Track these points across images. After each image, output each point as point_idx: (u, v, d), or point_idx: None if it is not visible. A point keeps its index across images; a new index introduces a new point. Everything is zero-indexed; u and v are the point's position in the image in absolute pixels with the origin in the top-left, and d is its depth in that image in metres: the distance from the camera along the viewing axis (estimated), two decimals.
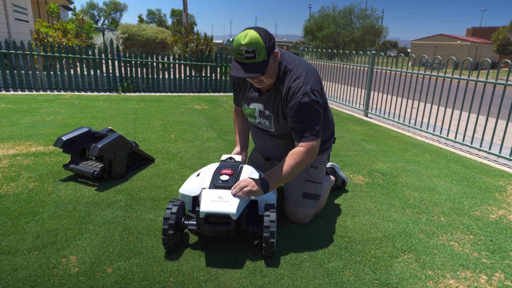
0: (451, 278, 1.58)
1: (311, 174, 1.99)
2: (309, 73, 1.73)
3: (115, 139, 2.42)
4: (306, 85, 1.68)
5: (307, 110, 1.68)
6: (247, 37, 1.54)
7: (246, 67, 1.58)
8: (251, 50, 1.54)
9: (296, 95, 1.67)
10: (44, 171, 2.55)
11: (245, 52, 1.55)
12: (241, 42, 1.54)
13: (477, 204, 2.43)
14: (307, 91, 1.67)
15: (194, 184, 1.82)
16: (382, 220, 2.11)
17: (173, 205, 1.62)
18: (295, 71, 1.72)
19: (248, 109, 1.95)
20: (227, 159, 1.92)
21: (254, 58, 1.56)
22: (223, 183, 1.70)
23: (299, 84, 1.68)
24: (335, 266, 1.62)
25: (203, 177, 1.82)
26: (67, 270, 1.49)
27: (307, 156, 1.71)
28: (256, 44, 1.54)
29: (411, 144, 4.00)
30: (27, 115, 4.28)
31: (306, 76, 1.71)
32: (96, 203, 2.11)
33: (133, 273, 1.50)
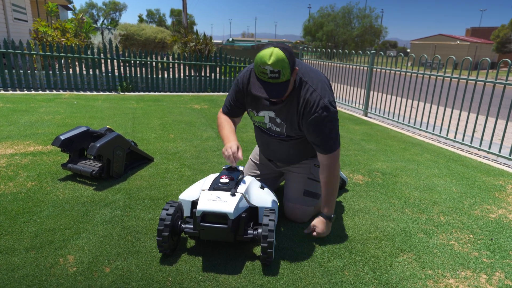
0: (451, 278, 1.58)
1: (313, 172, 2.01)
2: (324, 84, 1.71)
3: (113, 138, 2.41)
4: (323, 98, 1.65)
5: (327, 123, 1.67)
6: (273, 57, 1.48)
7: (269, 87, 1.54)
8: (277, 71, 1.49)
9: (315, 110, 1.64)
10: (42, 171, 2.53)
11: (270, 72, 1.50)
12: (267, 61, 1.48)
13: (477, 203, 2.43)
14: (325, 104, 1.65)
15: (193, 190, 1.79)
16: (382, 219, 2.10)
17: (170, 206, 1.60)
18: (311, 83, 1.68)
19: (257, 117, 1.89)
20: (229, 168, 1.90)
21: (278, 78, 1.51)
22: (222, 185, 1.68)
23: (317, 97, 1.65)
24: (335, 266, 1.61)
25: (203, 182, 1.80)
26: (65, 270, 1.48)
27: (336, 166, 1.76)
28: (282, 65, 1.49)
29: (411, 144, 4.00)
30: (26, 114, 4.27)
31: (322, 88, 1.68)
32: (94, 203, 2.10)
33: (131, 272, 1.49)
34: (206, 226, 1.53)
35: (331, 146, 1.72)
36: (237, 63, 7.81)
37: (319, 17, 40.17)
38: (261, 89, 1.54)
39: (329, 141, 1.71)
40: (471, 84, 4.54)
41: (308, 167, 2.01)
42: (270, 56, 1.48)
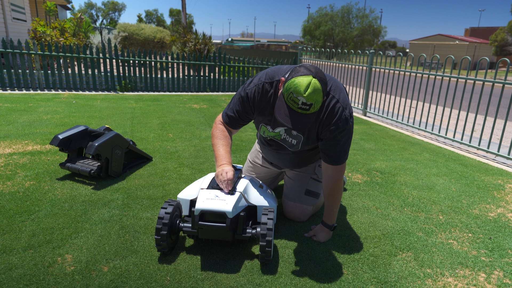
0: (450, 276, 1.58)
1: (317, 172, 2.01)
2: (344, 94, 1.66)
3: (112, 138, 2.40)
4: (345, 109, 1.61)
5: (344, 135, 1.64)
6: (310, 89, 1.38)
7: (296, 116, 1.44)
8: (309, 104, 1.40)
9: (336, 121, 1.60)
10: (40, 170, 2.53)
11: (302, 104, 1.40)
12: (302, 92, 1.38)
13: (475, 202, 2.43)
14: (347, 117, 1.61)
15: (192, 189, 1.78)
16: (381, 218, 2.10)
17: (168, 205, 1.59)
18: (333, 92, 1.62)
19: (271, 132, 1.81)
20: None
21: (308, 110, 1.43)
22: None
23: (339, 108, 1.60)
24: (334, 264, 1.61)
25: (202, 181, 1.80)
26: (63, 269, 1.48)
27: (341, 178, 1.74)
28: (315, 99, 1.40)
29: (410, 143, 4.00)
30: (24, 114, 4.26)
31: (344, 98, 1.63)
32: (92, 202, 2.09)
33: (130, 272, 1.48)
34: (204, 224, 1.53)
35: (341, 158, 1.69)
36: (236, 62, 7.80)
37: (318, 17, 40.19)
38: (287, 118, 1.44)
39: (341, 153, 1.68)
40: (470, 83, 4.55)
41: (312, 167, 2.02)
42: (307, 87, 1.38)
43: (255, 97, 1.67)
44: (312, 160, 2.00)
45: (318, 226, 1.84)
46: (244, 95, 1.70)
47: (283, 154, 1.93)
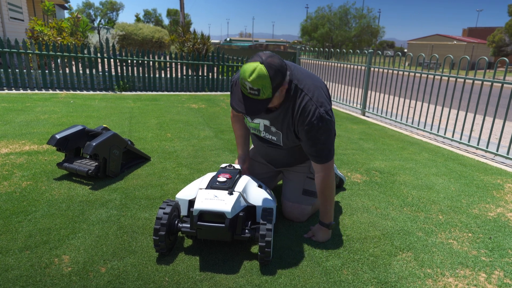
0: (450, 276, 1.57)
1: (313, 171, 1.98)
2: (320, 92, 1.66)
3: (109, 137, 2.38)
4: (320, 107, 1.61)
5: (322, 133, 1.63)
6: (255, 74, 1.41)
7: (248, 102, 1.48)
8: (256, 89, 1.43)
9: (310, 119, 1.60)
10: (37, 170, 2.50)
11: (249, 89, 1.45)
12: (247, 77, 1.42)
13: (475, 202, 2.42)
14: (321, 114, 1.60)
15: (190, 189, 1.77)
16: (380, 218, 2.09)
17: (166, 205, 1.58)
18: (306, 91, 1.62)
19: (251, 123, 1.88)
20: (226, 167, 1.89)
21: (257, 95, 1.46)
22: (220, 184, 1.66)
23: (312, 106, 1.60)
24: (333, 265, 1.60)
25: (200, 181, 1.79)
26: (60, 270, 1.46)
27: (331, 176, 1.73)
28: (262, 84, 1.42)
29: (409, 143, 3.99)
30: (21, 114, 4.23)
31: (319, 96, 1.63)
32: (90, 202, 2.08)
33: (127, 272, 1.47)
34: (203, 225, 1.51)
35: (326, 155, 1.68)
36: (235, 62, 7.78)
37: (316, 17, 40.22)
38: (240, 103, 1.49)
39: (323, 151, 1.67)
40: (468, 83, 4.56)
41: (307, 166, 2.00)
42: (252, 72, 1.41)
43: (235, 82, 1.76)
44: (303, 157, 1.98)
45: (316, 226, 1.83)
46: (231, 84, 1.82)
47: (272, 149, 1.94)
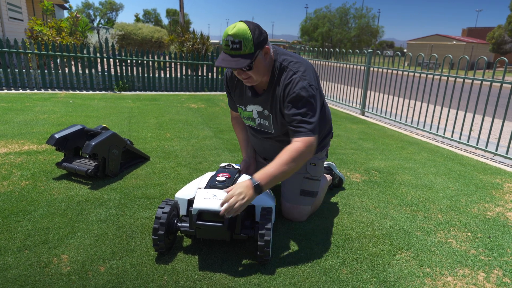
0: (449, 276, 1.57)
1: (309, 171, 1.97)
2: (307, 69, 1.69)
3: (109, 137, 2.38)
4: (303, 80, 1.64)
5: (304, 104, 1.63)
6: (235, 28, 1.51)
7: (231, 57, 1.54)
8: (237, 41, 1.50)
9: (293, 90, 1.63)
10: (36, 170, 2.50)
11: (231, 43, 1.51)
12: (228, 32, 1.52)
13: (474, 201, 2.42)
14: (304, 86, 1.63)
15: (189, 189, 1.77)
16: (380, 217, 2.09)
17: (165, 205, 1.58)
18: (291, 67, 1.68)
19: (245, 112, 1.89)
20: (225, 166, 1.88)
21: (240, 50, 1.52)
22: (219, 183, 1.66)
23: (296, 78, 1.64)
24: (332, 264, 1.60)
25: (199, 180, 1.79)
26: (59, 269, 1.46)
27: (303, 153, 1.57)
28: (242, 36, 1.50)
29: (408, 143, 3.99)
30: (21, 113, 4.23)
31: (304, 72, 1.67)
32: (89, 202, 2.07)
33: (126, 272, 1.47)
34: (202, 224, 1.51)
35: (303, 132, 1.60)
36: None
37: (316, 17, 40.23)
38: (223, 61, 1.54)
39: (302, 124, 1.60)
40: (467, 83, 4.57)
41: (304, 166, 1.97)
42: (233, 28, 1.51)
43: (227, 78, 1.90)
44: None
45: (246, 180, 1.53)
46: (225, 82, 1.94)
47: (265, 141, 1.95)
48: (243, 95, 1.85)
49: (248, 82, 1.68)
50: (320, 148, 1.98)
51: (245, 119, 1.96)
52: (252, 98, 1.80)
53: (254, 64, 1.58)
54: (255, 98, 1.79)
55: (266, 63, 1.65)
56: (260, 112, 1.82)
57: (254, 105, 1.82)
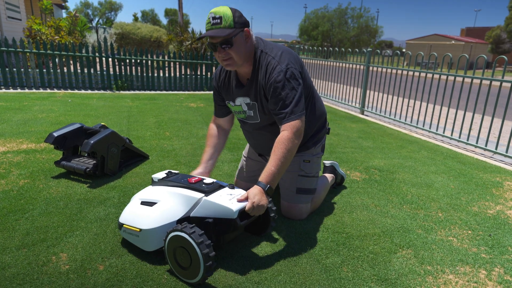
0: (451, 273, 1.56)
1: (303, 168, 1.94)
2: (285, 53, 1.71)
3: (108, 135, 2.37)
4: (281, 64, 1.66)
5: (283, 88, 1.64)
6: (217, 7, 1.61)
7: (212, 31, 1.59)
8: (218, 17, 1.57)
9: (271, 75, 1.66)
10: (35, 168, 2.49)
11: (212, 19, 1.58)
12: (211, 11, 1.61)
13: (474, 199, 2.42)
14: (282, 69, 1.65)
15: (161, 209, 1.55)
16: (380, 216, 2.08)
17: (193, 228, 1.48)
18: (270, 52, 1.71)
19: (235, 106, 1.89)
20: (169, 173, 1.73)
21: (220, 24, 1.58)
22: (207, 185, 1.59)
23: (274, 63, 1.67)
24: (333, 262, 1.59)
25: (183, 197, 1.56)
26: (57, 268, 1.45)
27: (293, 139, 1.60)
28: (223, 13, 1.58)
29: (407, 141, 3.99)
30: (19, 112, 4.21)
31: (281, 56, 1.69)
32: (88, 200, 2.06)
33: (126, 270, 1.45)
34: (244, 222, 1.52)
35: (288, 117, 1.63)
36: None
37: (315, 17, 40.25)
38: (205, 34, 1.60)
39: (285, 109, 1.63)
40: (467, 83, 4.56)
41: (297, 164, 1.94)
42: (215, 8, 1.62)
43: (216, 75, 1.92)
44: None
45: (253, 188, 1.55)
46: (213, 79, 1.97)
47: (257, 134, 1.94)
48: (230, 89, 1.86)
49: (229, 65, 1.68)
50: (314, 143, 1.96)
51: (236, 114, 1.95)
52: (238, 89, 1.81)
53: (234, 41, 1.60)
54: (241, 89, 1.80)
55: (247, 46, 1.67)
56: (248, 104, 1.83)
57: (241, 97, 1.83)
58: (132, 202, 1.68)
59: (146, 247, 1.54)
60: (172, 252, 1.39)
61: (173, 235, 1.36)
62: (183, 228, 1.32)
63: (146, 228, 1.50)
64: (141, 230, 1.51)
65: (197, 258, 1.30)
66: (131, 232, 1.56)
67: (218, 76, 1.91)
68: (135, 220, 1.55)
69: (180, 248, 1.35)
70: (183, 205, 1.54)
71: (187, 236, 1.30)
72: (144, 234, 1.50)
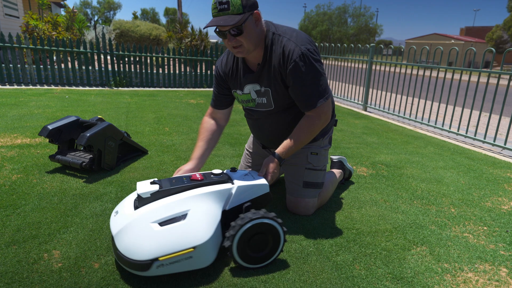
0: (470, 271, 1.46)
1: (311, 161, 1.84)
2: (300, 33, 1.59)
3: (105, 128, 2.27)
4: (299, 45, 1.53)
5: (307, 73, 1.53)
6: None
7: (219, 18, 1.45)
8: (225, 1, 1.42)
9: (291, 59, 1.52)
10: (29, 163, 2.38)
11: (218, 4, 1.43)
12: None
13: (486, 195, 2.32)
14: (302, 51, 1.52)
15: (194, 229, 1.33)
16: (390, 211, 1.99)
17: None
18: (283, 34, 1.58)
19: (242, 95, 1.77)
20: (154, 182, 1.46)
21: (227, 10, 1.43)
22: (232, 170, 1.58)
23: (291, 45, 1.53)
24: (344, 260, 1.49)
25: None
26: (49, 266, 1.34)
27: (320, 124, 1.63)
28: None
29: (413, 137, 3.89)
30: (14, 108, 4.10)
31: (298, 37, 1.56)
32: (84, 195, 1.96)
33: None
34: None
35: (314, 99, 1.58)
36: None
37: (316, 14, 40.18)
38: (211, 22, 1.46)
39: (313, 94, 1.57)
40: (471, 82, 4.49)
41: (304, 156, 1.84)
42: None
43: (221, 64, 1.78)
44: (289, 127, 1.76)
45: (268, 157, 1.64)
46: (215, 69, 1.83)
47: (266, 122, 1.81)
48: (238, 77, 1.73)
49: (240, 52, 1.56)
50: (322, 134, 1.86)
51: (243, 103, 1.82)
52: (248, 76, 1.68)
53: (245, 28, 1.48)
54: (250, 75, 1.67)
55: (258, 31, 1.54)
56: (258, 91, 1.70)
57: (250, 85, 1.70)
58: (147, 232, 1.27)
59: (204, 262, 1.32)
60: (245, 243, 1.34)
61: (251, 225, 1.33)
62: (265, 215, 1.35)
63: (203, 242, 1.28)
64: (195, 247, 1.27)
65: (278, 238, 1.40)
66: (177, 260, 1.25)
67: (225, 64, 1.77)
68: (179, 243, 1.25)
69: (257, 235, 1.36)
70: (216, 202, 1.40)
71: (270, 220, 1.36)
72: (201, 249, 1.28)
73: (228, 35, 1.49)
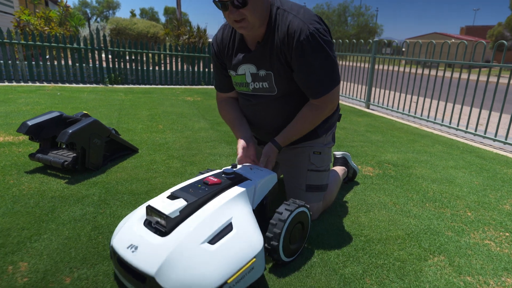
0: (496, 286, 1.28)
1: (314, 162, 1.64)
2: (308, 10, 1.40)
3: (89, 124, 2.08)
4: (306, 23, 1.34)
5: (315, 57, 1.35)
6: None
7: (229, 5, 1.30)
8: None
9: (298, 39, 1.33)
10: (7, 162, 2.20)
11: None
12: None
13: (504, 197, 2.14)
14: (311, 31, 1.33)
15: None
16: (401, 215, 1.80)
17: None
18: (289, 10, 1.39)
19: (237, 76, 1.57)
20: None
21: None
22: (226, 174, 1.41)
23: (297, 23, 1.34)
24: (353, 272, 1.31)
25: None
26: (12, 281, 1.16)
27: (326, 114, 1.53)
28: None
29: (419, 135, 3.71)
30: (1, 105, 3.91)
31: (305, 14, 1.37)
32: (63, 198, 1.77)
33: (98, 283, 1.17)
34: None
35: (323, 86, 1.42)
36: None
37: (317, 12, 40.10)
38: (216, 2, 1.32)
39: (322, 82, 1.41)
40: (475, 80, 4.33)
41: (306, 156, 1.65)
42: None
43: (218, 37, 1.61)
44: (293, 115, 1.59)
45: (268, 146, 1.56)
46: (211, 47, 1.68)
47: (264, 109, 1.60)
48: (233, 55, 1.54)
49: (243, 28, 1.36)
50: (325, 130, 1.67)
51: (237, 86, 1.63)
52: (244, 56, 1.49)
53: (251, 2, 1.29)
54: (248, 55, 1.48)
55: (264, 3, 1.36)
56: (255, 75, 1.51)
57: (246, 65, 1.51)
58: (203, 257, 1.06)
59: (261, 270, 1.16)
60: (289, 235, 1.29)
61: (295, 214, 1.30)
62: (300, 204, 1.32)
63: (260, 249, 1.14)
64: (256, 256, 1.12)
65: (308, 225, 1.40)
66: (243, 276, 1.09)
67: (221, 40, 1.58)
68: (240, 257, 1.09)
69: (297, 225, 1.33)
70: (247, 202, 1.30)
71: (303, 208, 1.34)
72: (259, 257, 1.14)
73: (229, 7, 1.30)
